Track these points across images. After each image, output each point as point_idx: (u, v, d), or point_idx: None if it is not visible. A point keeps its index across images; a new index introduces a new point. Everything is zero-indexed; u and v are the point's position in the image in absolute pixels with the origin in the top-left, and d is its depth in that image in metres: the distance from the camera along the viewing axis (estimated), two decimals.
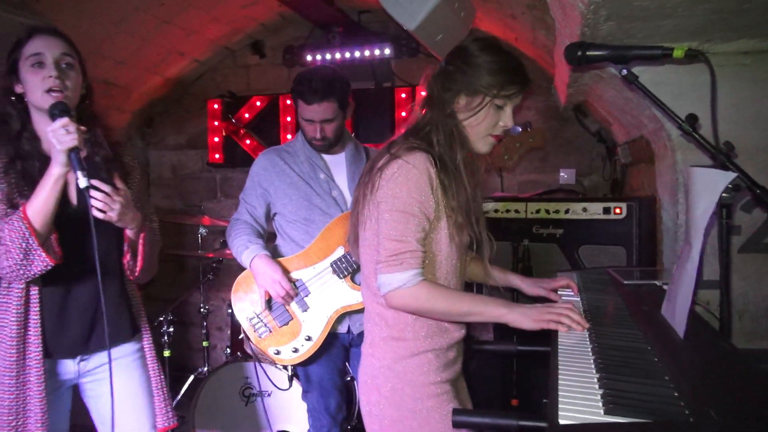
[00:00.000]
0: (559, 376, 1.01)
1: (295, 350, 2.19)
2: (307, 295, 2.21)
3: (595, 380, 0.99)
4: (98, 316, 1.72)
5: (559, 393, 0.93)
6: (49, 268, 1.57)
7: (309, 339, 2.19)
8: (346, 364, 2.47)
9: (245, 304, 2.26)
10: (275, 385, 2.81)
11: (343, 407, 2.43)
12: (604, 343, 1.17)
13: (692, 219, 1.19)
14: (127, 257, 1.76)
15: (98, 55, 3.34)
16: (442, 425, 1.42)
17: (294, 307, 2.21)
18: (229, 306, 3.32)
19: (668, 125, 2.14)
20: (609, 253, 2.52)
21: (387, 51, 3.71)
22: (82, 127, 1.57)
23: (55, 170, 1.53)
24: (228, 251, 3.34)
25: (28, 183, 1.61)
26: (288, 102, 4.02)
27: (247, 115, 4.13)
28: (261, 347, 2.22)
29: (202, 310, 3.38)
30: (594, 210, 2.56)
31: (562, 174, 3.68)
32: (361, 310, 2.19)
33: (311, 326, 2.20)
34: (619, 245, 2.50)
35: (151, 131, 4.51)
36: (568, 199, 2.81)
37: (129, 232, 1.73)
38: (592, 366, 1.06)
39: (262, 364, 2.83)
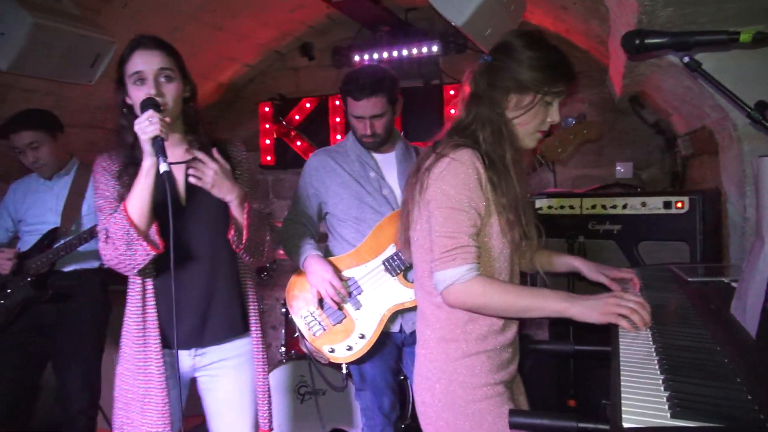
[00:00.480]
0: (622, 377, 0.97)
1: (350, 348, 2.21)
2: (359, 294, 2.22)
3: (660, 382, 0.94)
4: (211, 308, 1.81)
5: (622, 395, 0.89)
6: (151, 257, 1.66)
7: (363, 337, 2.20)
8: (399, 363, 2.47)
9: (300, 303, 2.29)
10: (330, 384, 2.84)
11: (397, 406, 2.43)
12: (669, 343, 1.11)
13: (764, 212, 1.12)
14: (231, 231, 1.76)
15: None
16: (495, 427, 1.39)
17: (347, 305, 2.22)
18: (283, 305, 3.37)
19: (734, 114, 2.04)
20: (670, 249, 2.41)
21: (434, 48, 3.68)
22: (167, 119, 1.63)
23: (146, 162, 1.61)
24: (281, 251, 3.39)
25: None
26: (337, 103, 4.05)
27: (297, 117, 4.18)
28: (316, 345, 2.24)
29: None
30: (654, 204, 2.46)
31: (618, 168, 3.57)
32: (413, 309, 2.19)
33: (365, 324, 2.21)
34: (682, 241, 2.39)
35: None
36: (626, 194, 2.71)
37: (232, 208, 1.75)
38: (657, 367, 1.01)
39: (317, 364, 2.85)
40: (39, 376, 2.77)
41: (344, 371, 2.78)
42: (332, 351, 2.22)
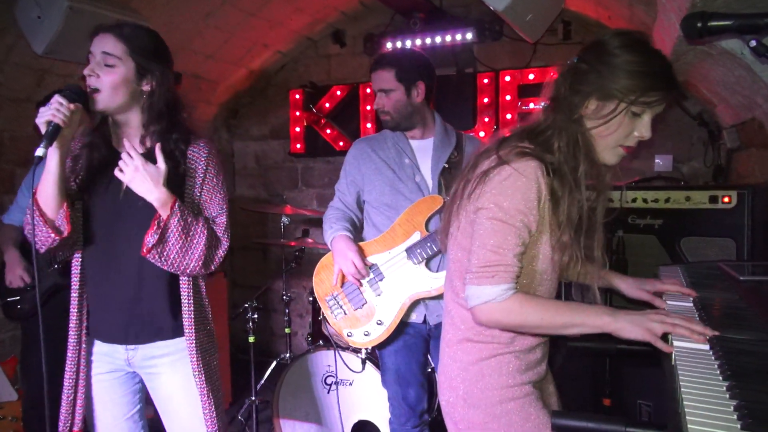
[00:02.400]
0: (681, 383, 0.91)
1: (367, 334, 2.23)
2: (381, 280, 2.22)
3: (724, 389, 0.88)
4: (137, 308, 1.74)
5: (685, 403, 0.83)
6: (55, 241, 1.65)
7: (380, 323, 2.21)
8: (428, 355, 2.44)
9: (325, 286, 2.33)
10: (349, 368, 2.83)
11: (424, 399, 2.40)
12: (727, 347, 1.04)
13: None
14: (149, 233, 1.64)
15: (189, 50, 3.45)
16: (523, 429, 1.34)
17: (368, 291, 2.24)
18: (310, 294, 3.36)
19: None
20: (716, 245, 2.31)
21: (469, 35, 3.59)
22: (71, 105, 1.57)
23: (38, 150, 1.56)
24: (309, 240, 3.38)
25: (86, 171, 1.74)
26: (368, 91, 4.00)
27: (327, 105, 4.15)
28: (336, 329, 2.30)
29: (284, 297, 3.44)
30: (698, 199, 2.35)
31: (657, 161, 3.45)
32: (436, 299, 2.20)
33: (383, 311, 2.21)
34: (728, 237, 2.29)
35: (236, 122, 4.64)
36: (669, 187, 2.60)
37: (160, 210, 1.65)
38: (717, 373, 0.94)
39: (342, 353, 2.84)
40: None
41: (362, 356, 2.79)
42: (350, 335, 2.26)
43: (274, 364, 3.44)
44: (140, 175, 1.61)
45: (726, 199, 2.30)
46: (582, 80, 1.30)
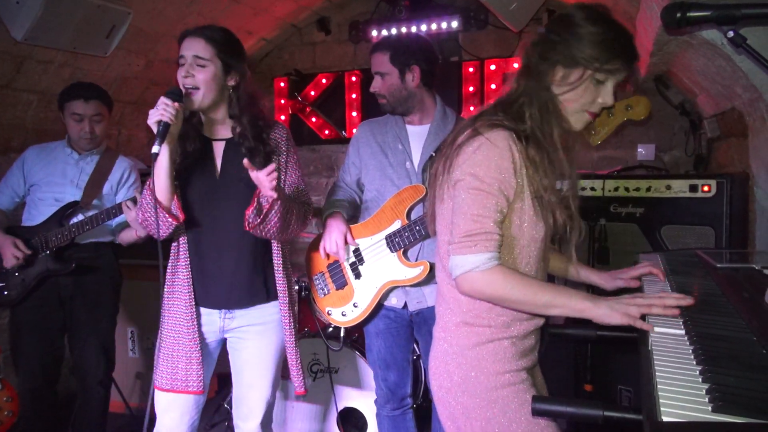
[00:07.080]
0: (655, 368, 0.93)
1: (344, 314, 2.31)
2: (362, 264, 2.26)
3: (697, 373, 0.90)
4: (237, 275, 1.97)
5: (658, 386, 0.85)
6: (173, 226, 1.86)
7: (356, 306, 2.28)
8: (412, 341, 2.46)
9: (316, 263, 2.40)
10: (330, 347, 2.85)
11: (407, 384, 2.42)
12: (702, 333, 1.07)
13: None
14: (250, 209, 1.86)
15: (172, 36, 3.40)
16: (518, 415, 1.35)
17: (350, 273, 2.29)
18: (296, 283, 3.37)
19: None
20: (695, 233, 2.36)
21: (454, 24, 3.60)
22: (176, 104, 1.74)
23: (154, 148, 1.74)
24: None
25: (182, 159, 1.91)
26: (353, 79, 3.99)
27: (312, 93, 4.13)
28: (319, 305, 2.38)
29: None
30: (679, 188, 2.40)
31: (639, 150, 3.49)
32: (415, 286, 2.22)
33: (361, 294, 2.27)
34: (707, 225, 2.34)
35: None
36: (650, 176, 2.64)
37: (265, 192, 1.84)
38: (692, 357, 0.97)
39: (327, 341, 2.86)
40: (60, 346, 2.78)
41: (342, 334, 2.85)
42: (330, 313, 2.35)
43: None
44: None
45: (705, 188, 2.35)
46: (550, 50, 1.37)
